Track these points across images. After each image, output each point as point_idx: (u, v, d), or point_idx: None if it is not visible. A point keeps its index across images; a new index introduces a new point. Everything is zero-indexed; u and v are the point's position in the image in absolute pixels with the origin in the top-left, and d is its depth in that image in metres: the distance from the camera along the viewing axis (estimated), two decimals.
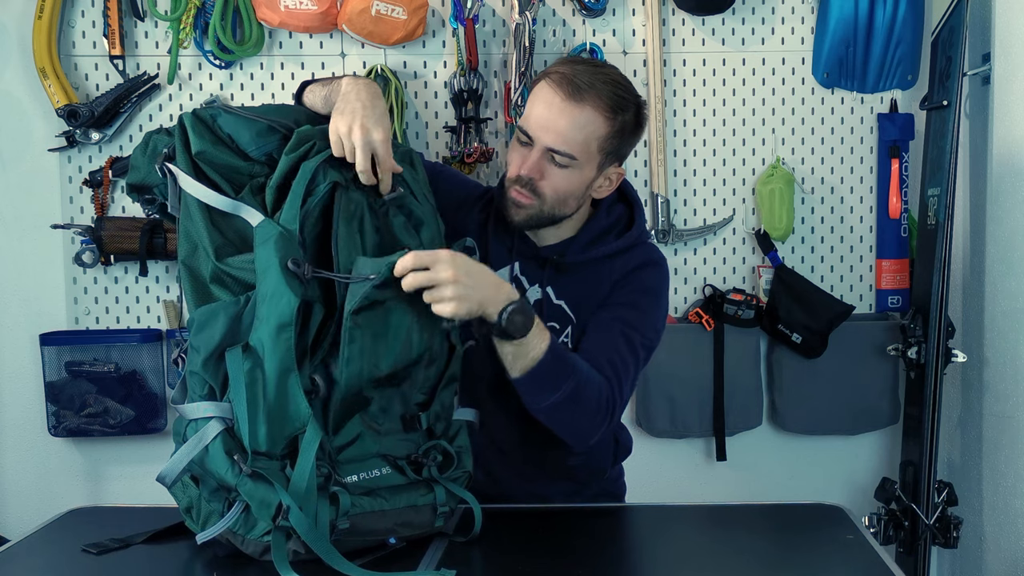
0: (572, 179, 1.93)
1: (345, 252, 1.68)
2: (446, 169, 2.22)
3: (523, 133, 1.93)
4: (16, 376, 3.06)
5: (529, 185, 1.92)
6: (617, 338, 1.96)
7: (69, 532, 1.91)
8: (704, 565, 1.82)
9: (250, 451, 1.60)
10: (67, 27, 2.96)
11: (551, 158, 1.90)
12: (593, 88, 1.88)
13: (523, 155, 1.93)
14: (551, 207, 1.95)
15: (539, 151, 1.90)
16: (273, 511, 1.59)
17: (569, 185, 1.93)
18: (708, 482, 3.10)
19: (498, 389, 2.01)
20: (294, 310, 1.60)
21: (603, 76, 1.92)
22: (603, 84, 1.89)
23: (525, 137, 1.92)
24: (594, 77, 1.89)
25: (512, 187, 1.94)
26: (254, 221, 1.66)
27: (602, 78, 1.91)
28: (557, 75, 1.90)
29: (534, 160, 1.91)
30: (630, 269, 2.02)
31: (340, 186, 1.71)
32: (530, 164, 1.91)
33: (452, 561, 1.70)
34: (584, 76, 1.89)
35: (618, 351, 1.94)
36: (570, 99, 1.88)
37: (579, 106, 1.88)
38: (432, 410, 1.80)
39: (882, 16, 2.94)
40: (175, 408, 1.71)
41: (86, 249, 2.94)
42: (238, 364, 1.61)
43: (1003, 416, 2.74)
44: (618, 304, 2.00)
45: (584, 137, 1.89)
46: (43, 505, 2.87)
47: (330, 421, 1.68)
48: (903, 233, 3.04)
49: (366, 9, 2.81)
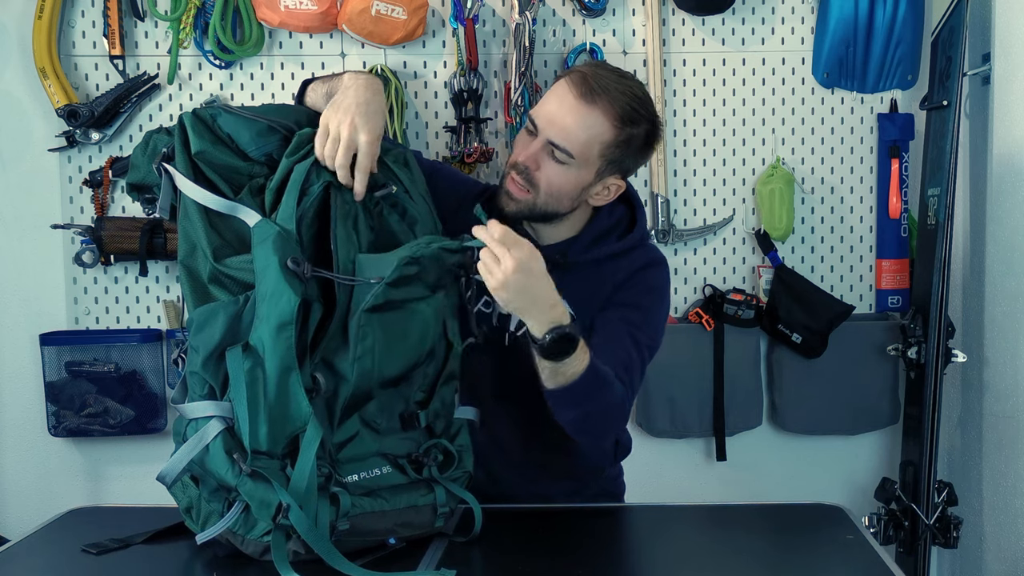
0: (567, 177, 1.93)
1: (344, 251, 1.68)
2: (444, 167, 2.22)
3: (531, 123, 1.94)
4: (16, 376, 3.06)
5: (525, 174, 1.92)
6: (625, 339, 1.96)
7: (69, 532, 1.91)
8: (704, 565, 1.82)
9: (250, 450, 1.60)
10: (67, 27, 2.96)
11: (551, 152, 1.91)
12: (607, 93, 1.88)
13: (527, 143, 1.94)
14: (544, 201, 1.94)
15: (540, 142, 1.91)
16: (273, 511, 1.59)
17: (563, 182, 1.93)
18: (708, 482, 3.10)
19: (501, 389, 2.02)
20: (294, 309, 1.60)
21: (622, 86, 1.92)
22: (619, 93, 1.90)
23: (532, 127, 1.93)
24: (612, 84, 1.90)
25: (510, 173, 1.95)
26: (251, 221, 1.67)
27: (620, 87, 1.91)
28: (578, 74, 1.91)
29: (534, 150, 1.91)
30: (633, 270, 2.03)
31: (334, 186, 1.72)
32: (529, 153, 1.91)
33: (452, 561, 1.70)
34: (603, 80, 1.89)
35: (628, 353, 1.95)
36: (582, 99, 1.88)
37: (589, 107, 1.88)
38: (431, 408, 1.80)
39: (882, 16, 2.94)
40: (175, 408, 1.71)
41: (86, 249, 2.94)
42: (238, 363, 1.61)
43: (1003, 416, 2.74)
44: (623, 304, 2.00)
45: (587, 138, 1.89)
46: (43, 505, 2.87)
47: (335, 415, 1.68)
48: (903, 233, 3.04)
49: (366, 9, 2.81)
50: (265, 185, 1.74)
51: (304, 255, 1.66)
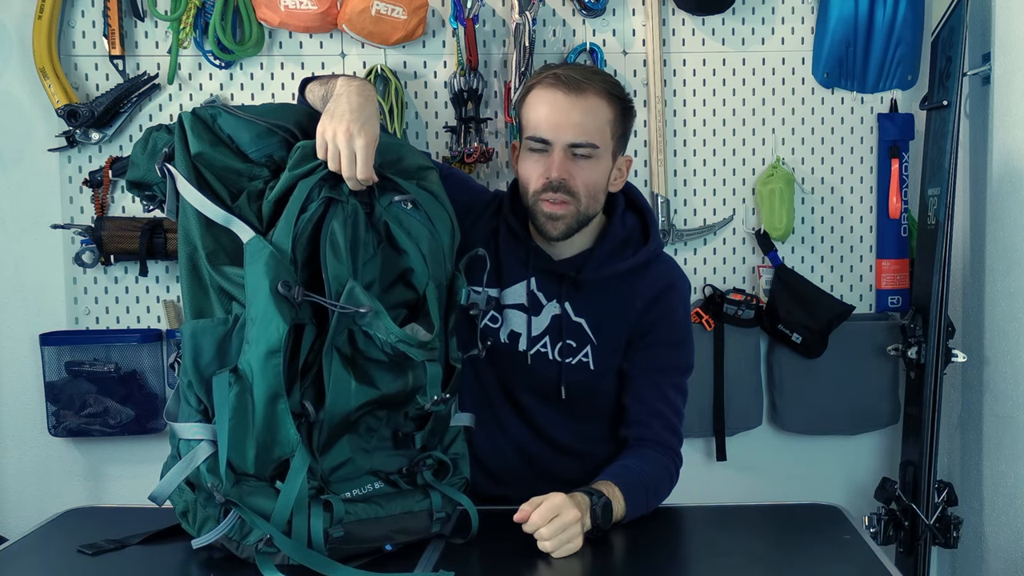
0: (598, 170, 1.95)
1: (334, 276, 1.66)
2: (454, 172, 2.21)
3: (535, 140, 1.92)
4: (16, 376, 3.06)
5: (562, 188, 1.91)
6: (667, 390, 2.04)
7: (65, 532, 1.91)
8: (703, 565, 1.83)
9: (224, 479, 1.60)
10: (67, 27, 2.96)
11: (574, 154, 1.91)
12: (586, 79, 1.92)
13: (542, 162, 1.92)
14: (586, 205, 1.95)
15: (560, 150, 1.91)
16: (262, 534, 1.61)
17: (597, 177, 1.95)
18: (708, 482, 3.09)
19: (508, 396, 2.03)
20: (283, 336, 1.59)
21: (587, 69, 2.00)
22: (592, 74, 1.96)
23: (539, 144, 1.92)
24: (581, 72, 1.95)
25: (541, 199, 1.92)
26: (244, 237, 1.65)
27: (587, 71, 1.98)
28: (549, 78, 1.93)
29: (559, 160, 1.90)
30: (657, 293, 2.04)
31: (335, 202, 1.70)
32: (558, 165, 1.90)
33: (449, 562, 1.70)
34: (573, 72, 1.94)
35: (672, 404, 2.04)
36: (572, 93, 1.90)
37: (583, 96, 1.91)
38: (427, 428, 1.80)
39: (882, 16, 2.93)
40: (169, 424, 1.71)
41: (86, 249, 2.94)
42: (224, 392, 1.61)
43: (1003, 416, 2.74)
44: (656, 344, 2.03)
45: (598, 123, 1.92)
46: (43, 505, 2.87)
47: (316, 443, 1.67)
48: (903, 233, 3.03)
49: (366, 9, 2.81)
50: (264, 190, 1.74)
51: (298, 275, 1.65)
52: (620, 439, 2.04)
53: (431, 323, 1.73)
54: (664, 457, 1.99)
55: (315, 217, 1.68)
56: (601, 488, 1.83)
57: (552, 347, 2.01)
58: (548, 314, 2.01)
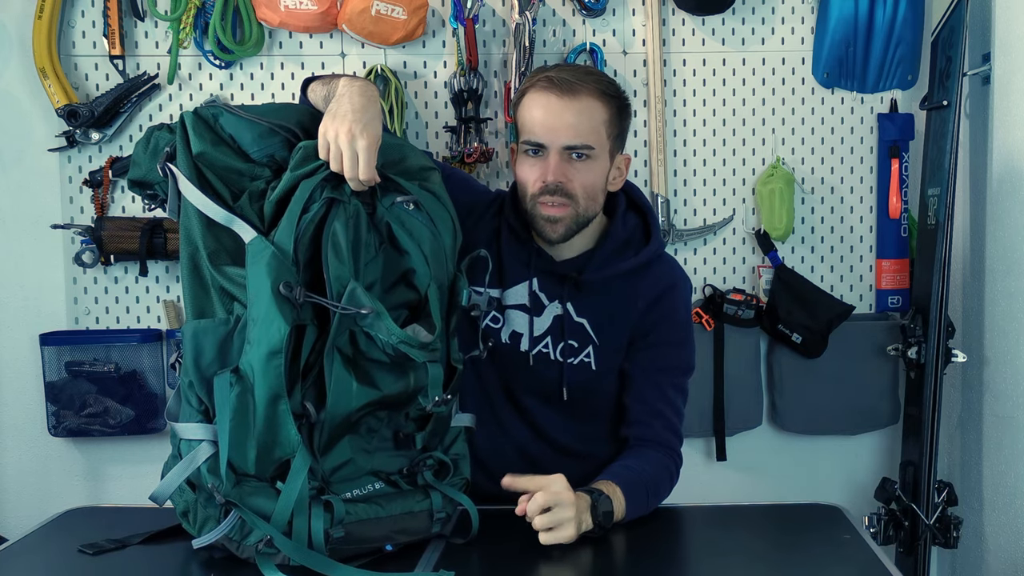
0: (595, 171, 1.95)
1: (336, 277, 1.66)
2: (456, 172, 2.21)
3: (530, 144, 1.93)
4: (16, 376, 3.06)
5: (559, 191, 1.91)
6: (668, 391, 2.04)
7: (65, 532, 1.91)
8: (703, 565, 1.83)
9: (225, 480, 1.60)
10: (67, 27, 2.96)
11: (570, 156, 1.91)
12: (580, 81, 1.92)
13: (539, 165, 1.93)
14: (584, 207, 1.95)
15: (556, 153, 1.91)
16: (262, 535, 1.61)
17: (595, 178, 1.95)
18: (708, 482, 3.09)
19: (510, 396, 2.03)
20: (284, 337, 1.59)
21: (581, 70, 2.00)
22: (585, 75, 1.95)
23: (535, 147, 1.93)
24: (573, 73, 1.95)
25: (539, 202, 1.93)
26: (246, 237, 1.65)
27: (581, 72, 1.97)
28: (542, 81, 1.93)
29: (555, 163, 1.91)
30: (659, 292, 2.04)
31: (337, 203, 1.70)
32: (554, 168, 1.91)
33: (449, 562, 1.70)
34: (565, 73, 1.94)
35: (673, 404, 2.04)
36: (566, 95, 1.91)
37: (576, 98, 1.91)
38: (428, 429, 1.80)
39: (882, 16, 2.93)
40: (170, 424, 1.71)
41: (86, 249, 2.94)
42: (225, 393, 1.61)
43: (1003, 416, 2.74)
44: (657, 344, 2.03)
45: (593, 124, 1.92)
46: (43, 505, 2.87)
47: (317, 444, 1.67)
48: (903, 233, 3.03)
49: (366, 9, 2.81)
50: (266, 190, 1.74)
51: (300, 275, 1.65)
52: (621, 439, 2.04)
53: (433, 324, 1.73)
54: (664, 457, 1.99)
55: (317, 218, 1.68)
56: (602, 487, 1.83)
57: (554, 347, 2.01)
58: (550, 315, 2.01)
